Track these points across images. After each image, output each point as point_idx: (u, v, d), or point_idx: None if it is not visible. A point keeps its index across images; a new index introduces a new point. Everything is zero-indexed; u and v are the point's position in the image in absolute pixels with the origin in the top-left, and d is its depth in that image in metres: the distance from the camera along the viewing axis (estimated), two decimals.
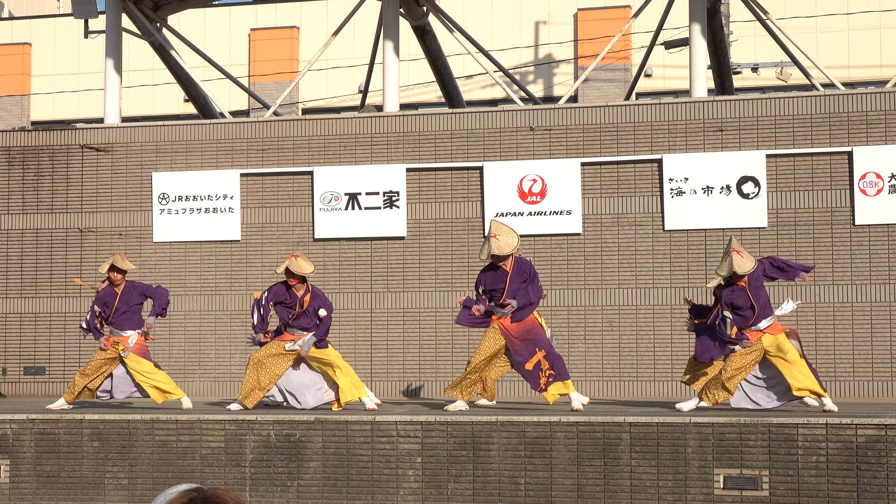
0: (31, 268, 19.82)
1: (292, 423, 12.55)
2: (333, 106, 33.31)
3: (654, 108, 18.41)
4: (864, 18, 30.92)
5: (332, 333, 18.74)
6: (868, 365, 17.44)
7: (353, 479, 12.27)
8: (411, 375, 18.59)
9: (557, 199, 18.31)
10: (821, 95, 17.95)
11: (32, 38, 36.20)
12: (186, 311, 19.26)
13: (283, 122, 19.58)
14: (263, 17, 34.86)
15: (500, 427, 12.07)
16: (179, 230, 19.37)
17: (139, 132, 19.86)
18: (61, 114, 35.23)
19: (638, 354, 18.03)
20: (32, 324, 19.77)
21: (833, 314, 17.57)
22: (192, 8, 23.96)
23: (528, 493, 11.88)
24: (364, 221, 18.83)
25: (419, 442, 12.18)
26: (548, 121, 18.55)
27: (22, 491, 12.91)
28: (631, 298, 18.12)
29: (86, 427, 12.93)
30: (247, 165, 19.31)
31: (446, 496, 12.03)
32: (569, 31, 32.89)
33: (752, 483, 11.42)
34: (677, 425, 11.70)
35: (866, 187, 17.50)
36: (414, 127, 18.97)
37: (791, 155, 17.84)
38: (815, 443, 11.38)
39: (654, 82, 31.76)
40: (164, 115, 33.33)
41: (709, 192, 17.89)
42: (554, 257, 18.35)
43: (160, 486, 12.58)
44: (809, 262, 17.62)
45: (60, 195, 19.83)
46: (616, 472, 11.75)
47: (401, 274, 18.76)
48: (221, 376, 19.11)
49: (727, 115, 18.07)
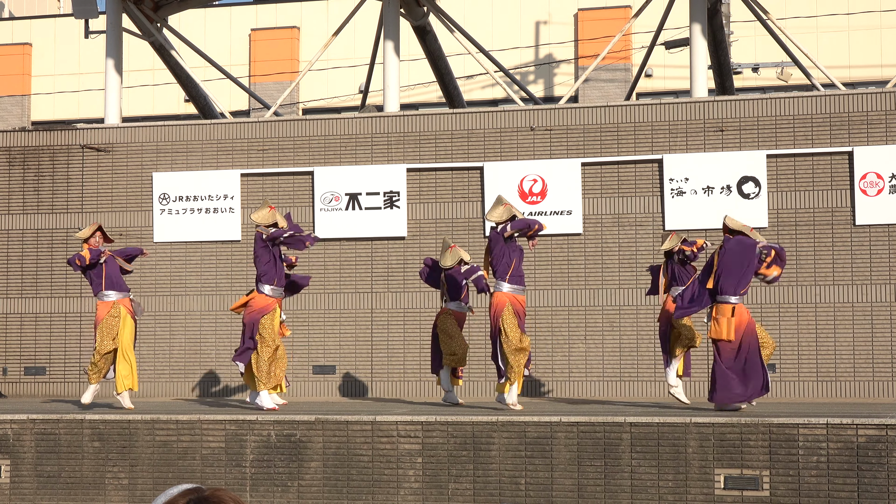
0: (32, 268, 19.82)
1: (293, 424, 12.55)
2: (334, 106, 33.30)
3: (655, 108, 18.40)
4: (864, 18, 30.91)
5: (334, 333, 18.78)
6: (869, 365, 17.43)
7: (353, 480, 12.27)
8: (411, 375, 18.58)
9: (558, 199, 18.30)
10: (821, 95, 17.95)
11: (33, 38, 36.20)
12: (187, 311, 19.25)
13: (284, 122, 19.58)
14: (264, 17, 34.85)
15: (501, 427, 12.07)
16: (180, 230, 19.37)
17: (140, 132, 19.86)
18: (62, 114, 35.23)
19: (639, 354, 18.02)
20: (33, 324, 19.76)
21: (834, 314, 17.57)
22: (193, 8, 23.95)
23: (529, 493, 11.88)
24: (364, 221, 18.82)
25: (420, 442, 12.18)
26: (548, 121, 18.54)
27: (22, 491, 12.91)
28: (631, 298, 18.12)
29: (86, 427, 12.93)
30: (247, 165, 19.31)
31: (447, 496, 12.03)
32: (569, 31, 32.88)
33: (753, 483, 11.42)
34: (678, 425, 11.70)
35: (867, 187, 17.50)
36: (414, 127, 18.96)
37: (791, 155, 17.83)
38: (815, 443, 11.38)
39: (655, 82, 31.75)
40: (164, 116, 33.33)
41: (709, 192, 17.88)
42: (554, 257, 18.34)
43: (161, 487, 12.58)
44: (810, 262, 17.63)
45: (61, 195, 19.83)
46: (616, 472, 11.74)
47: (401, 274, 18.76)
48: (222, 376, 19.11)
49: (728, 116, 18.06)
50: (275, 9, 34.82)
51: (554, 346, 18.16)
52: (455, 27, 21.87)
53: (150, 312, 18.87)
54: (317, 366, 18.57)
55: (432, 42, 22.73)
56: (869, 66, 30.99)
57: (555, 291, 18.23)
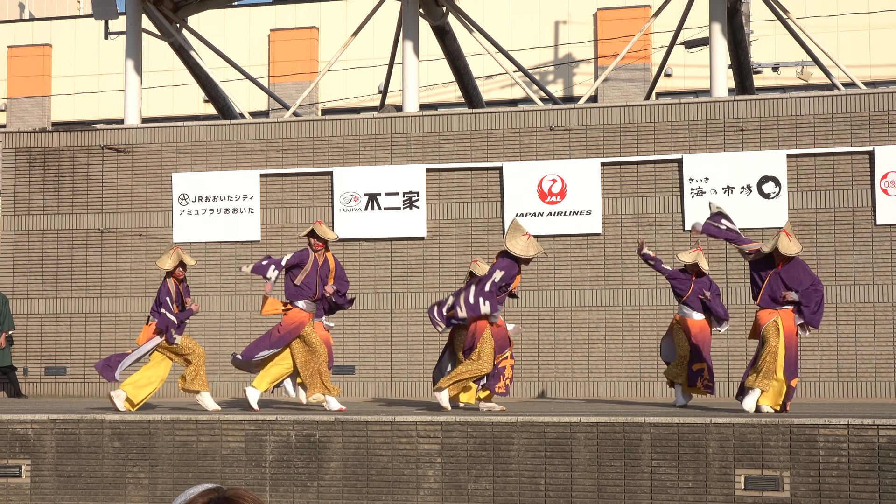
0: (52, 268, 19.88)
1: (312, 424, 12.55)
2: (353, 106, 33.33)
3: (675, 107, 18.36)
4: (885, 17, 30.78)
5: (353, 334, 18.77)
6: (890, 365, 17.36)
7: (372, 480, 12.27)
8: (430, 376, 18.56)
9: (577, 199, 18.27)
10: (842, 95, 17.88)
11: (53, 39, 36.33)
12: (206, 312, 19.28)
13: (303, 122, 19.59)
14: (283, 18, 34.90)
15: (520, 427, 12.05)
16: (199, 230, 19.40)
17: (159, 133, 19.90)
18: (82, 115, 35.34)
19: (658, 355, 17.97)
20: (53, 324, 19.82)
21: (855, 314, 17.50)
22: (212, 9, 24.00)
23: (549, 493, 11.85)
24: (384, 222, 18.82)
25: (439, 442, 12.17)
26: (568, 121, 18.51)
27: (43, 491, 12.94)
28: (651, 299, 18.08)
29: (106, 427, 12.95)
30: (266, 166, 19.33)
31: (466, 496, 12.01)
32: (589, 30, 32.84)
33: (774, 484, 11.38)
34: (698, 426, 11.66)
35: (888, 187, 17.42)
36: (433, 127, 18.96)
37: (812, 154, 17.77)
38: (836, 443, 11.33)
39: (675, 82, 31.68)
40: (183, 116, 33.41)
41: (729, 191, 17.83)
42: (574, 257, 18.31)
43: (180, 487, 12.60)
44: (830, 262, 17.56)
45: (81, 196, 19.89)
46: (636, 472, 11.71)
47: (420, 274, 18.75)
48: (241, 376, 19.13)
49: (748, 115, 18.01)
50: (294, 9, 34.87)
51: (574, 347, 18.13)
52: (474, 27, 21.86)
53: None
54: (336, 366, 18.57)
55: (451, 42, 22.72)
56: (890, 65, 30.86)
57: (574, 292, 18.20)
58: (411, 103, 20.32)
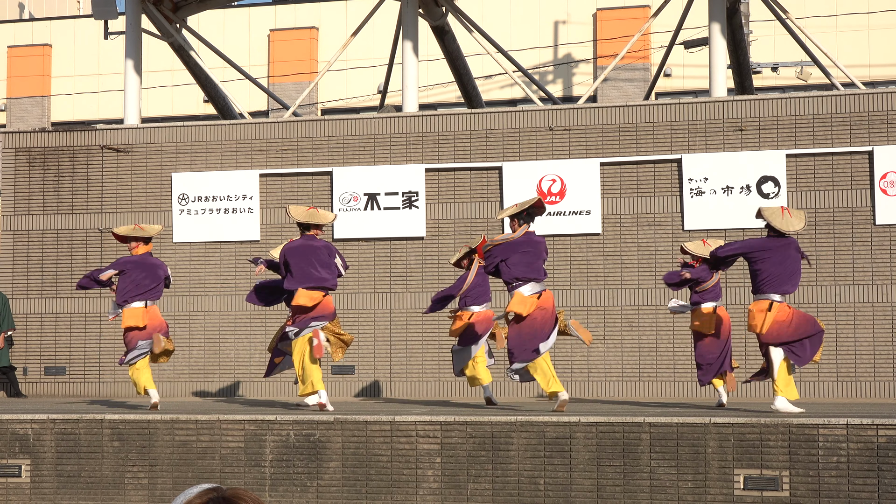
0: (52, 268, 19.89)
1: (312, 424, 12.56)
2: (353, 106, 33.34)
3: (674, 107, 18.37)
4: (884, 17, 30.80)
5: (352, 333, 18.78)
6: (889, 365, 17.37)
7: (372, 480, 12.28)
8: (430, 376, 18.58)
9: (577, 199, 18.28)
10: (841, 95, 17.89)
11: (53, 39, 36.33)
12: (206, 312, 19.29)
13: (303, 122, 19.60)
14: (283, 18, 34.91)
15: (520, 427, 12.06)
16: (199, 230, 19.40)
17: (159, 133, 19.91)
18: (81, 115, 35.35)
19: (657, 354, 17.99)
20: (53, 324, 19.83)
21: (854, 314, 17.51)
22: (212, 9, 24.01)
23: (548, 493, 11.87)
24: (383, 222, 18.83)
25: (438, 442, 12.18)
26: (567, 121, 18.52)
27: (42, 491, 12.95)
28: (650, 299, 18.08)
29: (106, 427, 12.96)
30: (266, 166, 19.34)
31: (466, 496, 12.02)
32: (588, 30, 32.85)
33: (773, 484, 11.39)
34: (697, 426, 11.67)
35: (887, 187, 17.43)
36: (433, 127, 18.96)
37: (811, 155, 17.78)
38: (835, 443, 11.34)
39: (674, 82, 31.70)
40: (183, 116, 33.42)
41: (728, 191, 17.84)
42: (573, 257, 18.32)
43: (180, 486, 12.61)
44: (829, 262, 17.58)
45: (81, 196, 19.89)
46: (636, 472, 11.72)
47: (420, 274, 18.76)
48: (241, 376, 19.15)
49: (747, 115, 18.02)
50: (294, 9, 34.89)
51: (573, 347, 18.13)
52: (473, 27, 21.87)
53: (169, 312, 18.91)
54: (335, 366, 18.57)
55: (451, 42, 22.73)
56: (889, 65, 30.88)
57: (574, 291, 18.21)
58: (411, 103, 20.33)
